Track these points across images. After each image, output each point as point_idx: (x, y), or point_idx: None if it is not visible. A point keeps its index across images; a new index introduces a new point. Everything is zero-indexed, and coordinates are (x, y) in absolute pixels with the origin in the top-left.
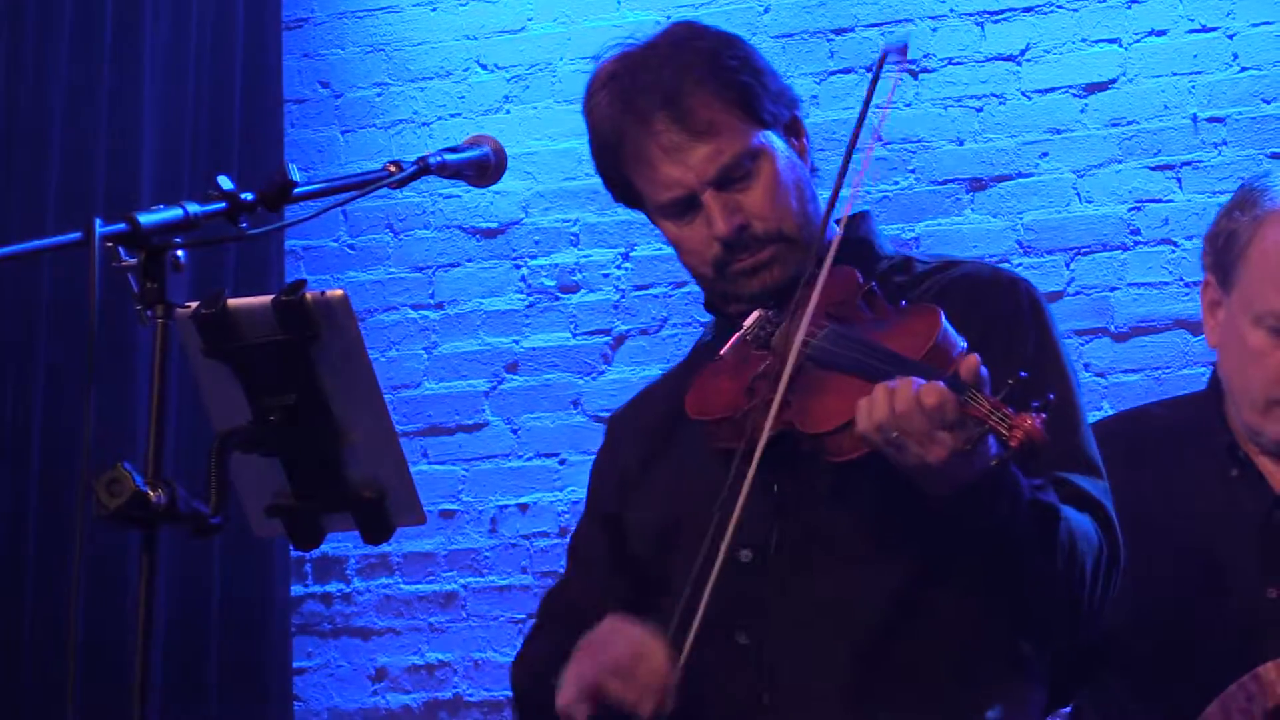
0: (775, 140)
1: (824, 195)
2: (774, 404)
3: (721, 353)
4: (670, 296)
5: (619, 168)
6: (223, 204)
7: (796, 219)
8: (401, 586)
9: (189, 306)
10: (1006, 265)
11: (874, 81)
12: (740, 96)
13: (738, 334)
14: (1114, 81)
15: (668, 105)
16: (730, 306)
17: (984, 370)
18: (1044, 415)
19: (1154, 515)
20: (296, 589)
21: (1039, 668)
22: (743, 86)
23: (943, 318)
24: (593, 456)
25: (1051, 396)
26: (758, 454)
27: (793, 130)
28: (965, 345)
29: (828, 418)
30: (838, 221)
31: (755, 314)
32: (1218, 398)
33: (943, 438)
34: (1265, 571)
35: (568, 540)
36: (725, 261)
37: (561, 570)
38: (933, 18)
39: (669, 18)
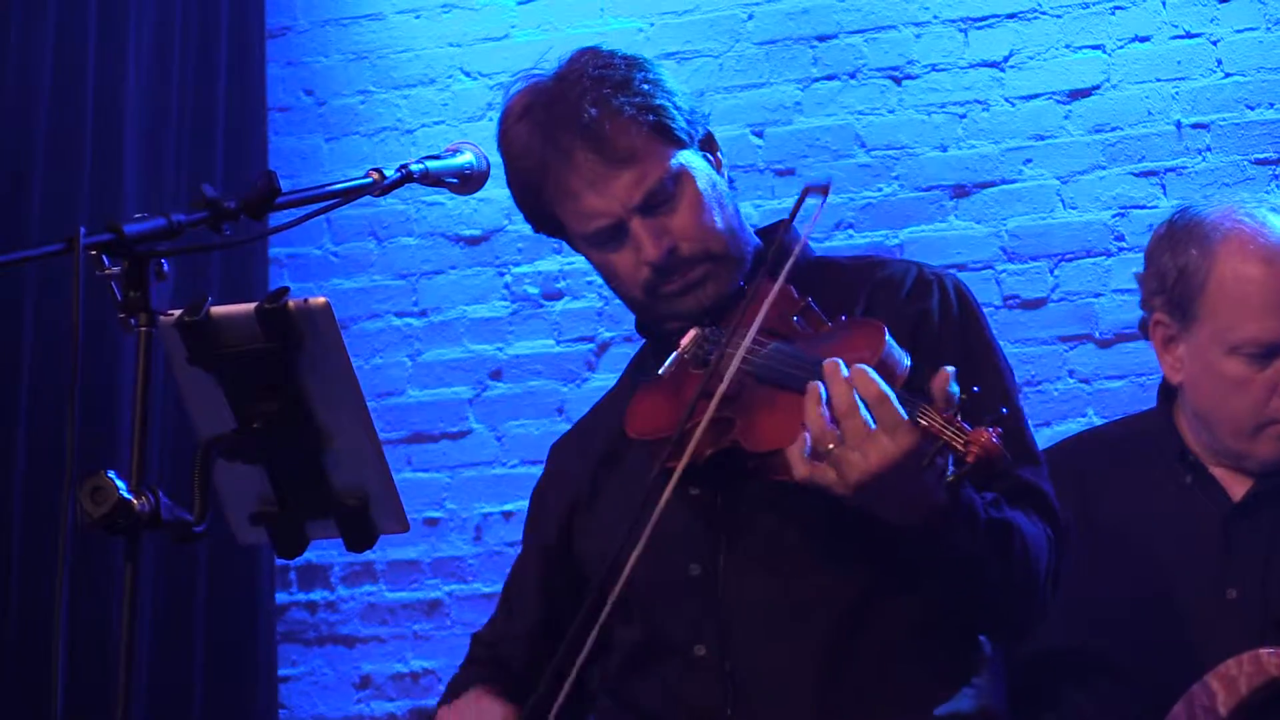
0: (694, 159)
1: (792, 202)
2: (705, 419)
3: (660, 372)
4: None
5: (541, 201)
6: (206, 212)
7: (723, 235)
8: (386, 594)
9: (172, 314)
10: (931, 265)
11: (794, 210)
12: (657, 120)
13: (676, 353)
14: (1098, 88)
15: (587, 136)
16: (666, 324)
17: (937, 386)
18: (999, 429)
19: (1113, 528)
20: (281, 597)
21: (997, 660)
22: (658, 110)
23: (886, 333)
24: None
25: (1005, 411)
26: (677, 472)
27: (708, 146)
28: (910, 362)
29: (771, 437)
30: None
31: (692, 332)
32: (1167, 410)
33: (883, 442)
34: (1224, 573)
35: None
36: (655, 284)
37: None
38: (916, 24)
39: (652, 24)
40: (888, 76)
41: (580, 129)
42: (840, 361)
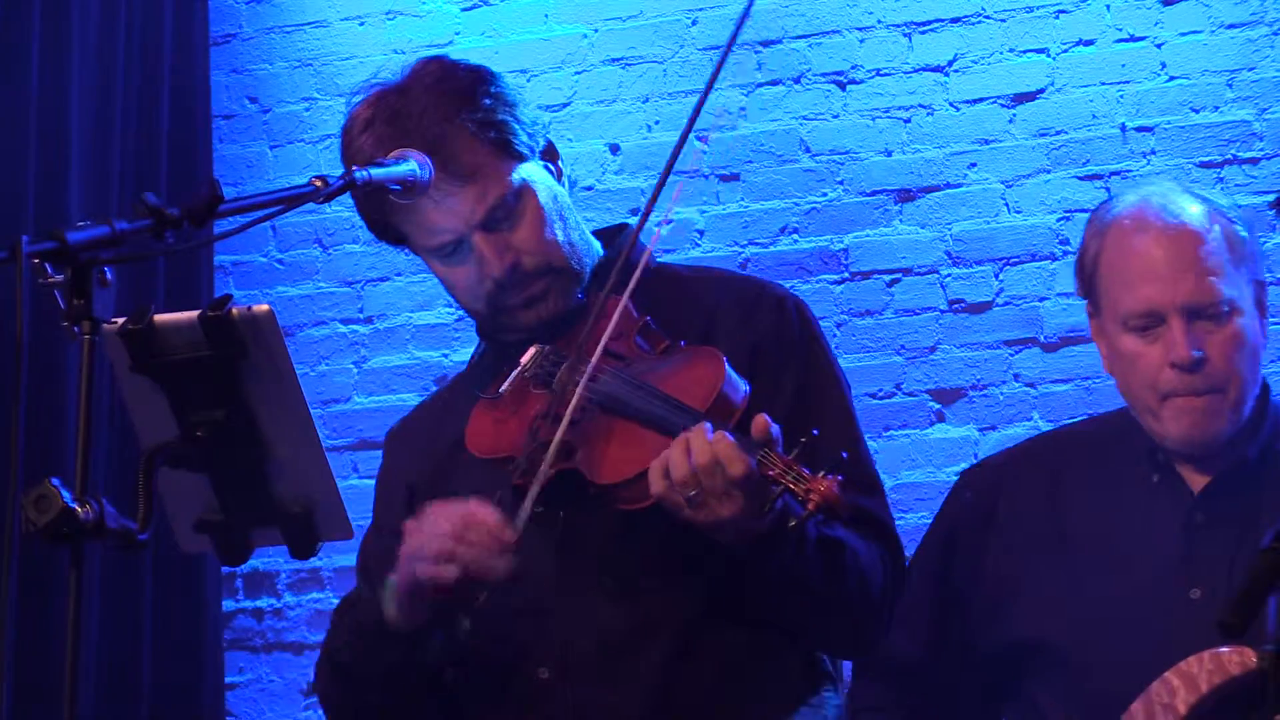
0: (536, 171)
1: (767, 206)
2: (552, 448)
3: (501, 389)
4: None
5: (383, 213)
6: (149, 220)
7: (564, 248)
8: (333, 601)
9: (116, 322)
10: (772, 280)
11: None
12: (499, 136)
13: (516, 371)
14: (1042, 91)
15: (430, 154)
16: (508, 335)
17: (775, 429)
18: (840, 476)
19: (1082, 526)
20: (228, 604)
21: (835, 673)
22: (500, 125)
23: (725, 364)
24: None
25: (845, 455)
26: (530, 497)
27: (548, 155)
28: (748, 389)
29: (616, 469)
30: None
31: (532, 350)
32: None
33: (736, 495)
34: (1187, 572)
35: None
36: (498, 298)
37: None
38: (860, 29)
39: (596, 30)
40: (832, 81)
41: (422, 145)
42: (709, 426)
